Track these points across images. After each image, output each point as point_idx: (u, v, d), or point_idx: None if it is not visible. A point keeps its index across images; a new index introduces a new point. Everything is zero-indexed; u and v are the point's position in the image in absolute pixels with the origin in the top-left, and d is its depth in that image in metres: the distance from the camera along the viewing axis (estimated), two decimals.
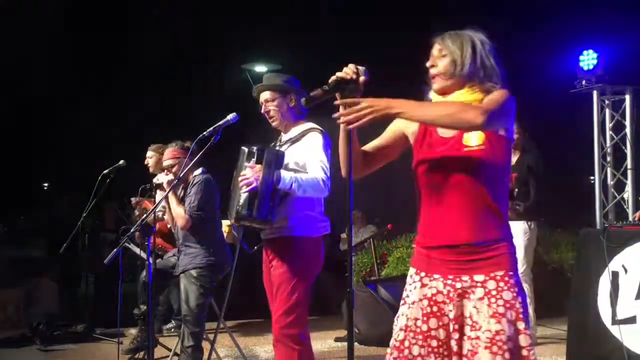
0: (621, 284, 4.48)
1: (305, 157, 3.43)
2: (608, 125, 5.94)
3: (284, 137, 3.61)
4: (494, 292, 2.23)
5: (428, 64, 2.39)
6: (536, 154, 5.92)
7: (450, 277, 2.29)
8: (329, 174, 3.37)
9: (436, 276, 2.32)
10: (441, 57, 2.37)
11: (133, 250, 5.24)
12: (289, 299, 3.39)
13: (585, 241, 4.77)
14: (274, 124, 3.61)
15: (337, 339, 6.20)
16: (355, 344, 2.46)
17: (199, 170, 4.65)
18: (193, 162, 4.06)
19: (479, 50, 2.35)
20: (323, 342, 6.19)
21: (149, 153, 5.93)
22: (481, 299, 2.23)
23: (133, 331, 5.92)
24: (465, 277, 2.26)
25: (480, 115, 2.14)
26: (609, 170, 5.91)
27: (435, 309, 2.30)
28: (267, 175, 3.27)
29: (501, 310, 2.21)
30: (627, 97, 5.85)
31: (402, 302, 2.39)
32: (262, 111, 3.62)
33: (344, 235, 8.60)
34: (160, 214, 5.60)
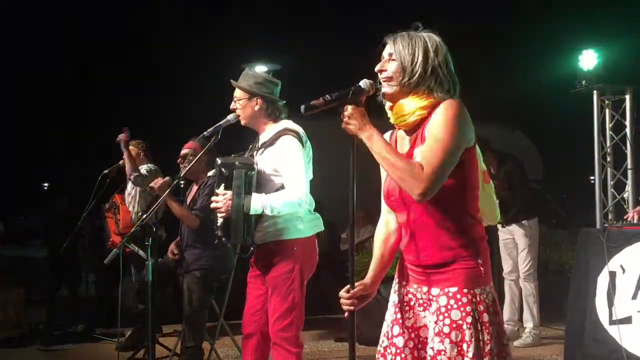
0: (618, 284, 4.48)
1: (281, 167, 3.34)
2: (608, 125, 5.93)
3: (260, 139, 3.53)
4: (442, 309, 2.14)
5: (377, 69, 2.27)
6: (512, 161, 6.02)
7: (415, 285, 2.27)
8: (305, 188, 3.30)
9: (404, 283, 2.32)
10: (390, 60, 2.24)
11: (133, 249, 5.24)
12: (284, 302, 3.35)
13: (585, 241, 4.77)
14: (241, 122, 3.53)
15: (337, 339, 6.19)
16: (356, 344, 2.45)
17: (213, 171, 4.65)
18: (194, 162, 4.07)
19: (431, 57, 2.20)
20: (323, 342, 6.19)
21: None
22: (432, 313, 2.17)
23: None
24: (425, 289, 2.22)
25: (418, 195, 2.07)
26: (609, 170, 5.89)
27: (399, 315, 2.30)
28: (237, 203, 3.22)
29: (446, 329, 2.12)
30: (627, 97, 5.83)
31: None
32: (231, 107, 3.54)
33: (344, 235, 8.59)
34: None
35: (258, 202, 3.24)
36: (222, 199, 3.27)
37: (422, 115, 2.20)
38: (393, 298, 2.36)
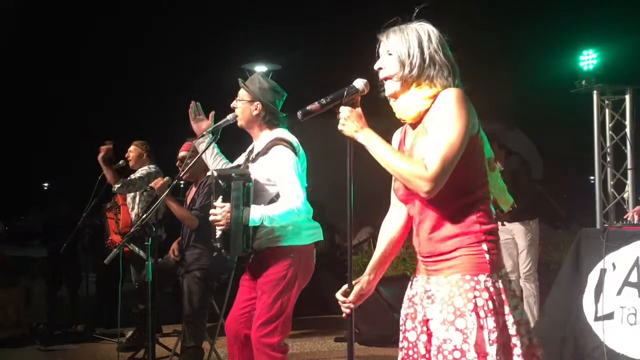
0: (607, 281, 4.47)
1: (275, 177, 3.34)
2: (608, 125, 5.94)
3: (255, 146, 3.54)
4: (446, 298, 2.11)
5: (376, 67, 2.25)
6: (518, 159, 6.04)
7: (425, 277, 2.25)
8: (302, 197, 3.28)
9: (417, 276, 2.31)
10: (388, 57, 2.23)
11: (132, 249, 5.24)
12: (270, 308, 3.34)
13: (585, 241, 4.77)
14: (238, 123, 3.54)
15: (337, 339, 6.19)
16: (356, 344, 2.45)
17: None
18: (193, 162, 4.06)
19: (426, 46, 2.18)
20: (323, 342, 6.19)
21: (131, 147, 6.02)
22: (438, 303, 2.15)
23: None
24: (433, 279, 2.20)
25: (424, 193, 2.06)
26: (609, 170, 5.90)
27: (411, 310, 2.28)
28: (235, 215, 3.22)
29: (450, 317, 2.08)
30: (627, 97, 5.84)
31: None
32: (232, 105, 3.55)
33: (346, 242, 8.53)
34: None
35: (257, 214, 3.24)
36: (220, 211, 3.26)
37: (426, 106, 2.17)
38: (408, 292, 2.34)
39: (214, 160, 3.75)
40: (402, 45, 2.19)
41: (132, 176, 5.82)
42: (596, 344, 4.39)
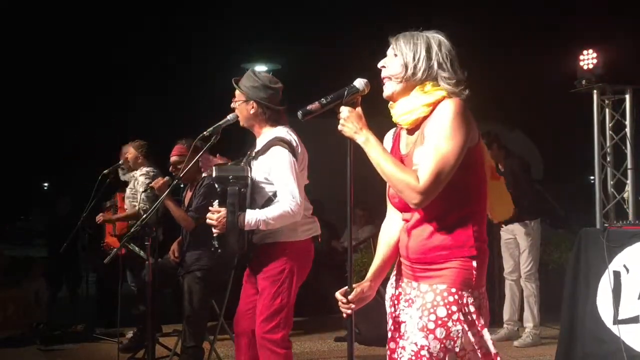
0: (623, 284, 4.48)
1: (272, 178, 3.36)
2: (608, 125, 5.93)
3: (257, 143, 3.55)
4: (429, 305, 2.14)
5: (379, 65, 2.27)
6: (518, 160, 6.05)
7: (406, 280, 2.28)
8: (298, 200, 3.29)
9: (398, 277, 2.35)
10: (393, 57, 2.24)
11: (133, 250, 5.23)
12: (271, 304, 3.37)
13: (585, 241, 4.77)
14: (240, 123, 3.56)
15: (337, 339, 6.19)
16: (356, 344, 2.46)
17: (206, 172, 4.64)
18: (193, 162, 4.06)
19: (435, 52, 2.19)
20: (323, 342, 6.19)
21: (128, 149, 5.97)
22: (417, 309, 2.17)
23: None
24: (415, 284, 2.22)
25: (413, 205, 2.09)
26: (609, 170, 5.89)
27: (392, 309, 2.35)
28: (231, 220, 3.27)
29: (431, 325, 2.12)
30: (627, 97, 5.82)
31: None
32: (232, 105, 3.56)
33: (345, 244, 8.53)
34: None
35: (252, 219, 3.27)
36: (216, 216, 3.31)
37: (425, 114, 2.17)
38: (389, 292, 2.38)
39: None
40: (409, 49, 2.20)
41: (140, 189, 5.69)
42: (617, 346, 4.40)
